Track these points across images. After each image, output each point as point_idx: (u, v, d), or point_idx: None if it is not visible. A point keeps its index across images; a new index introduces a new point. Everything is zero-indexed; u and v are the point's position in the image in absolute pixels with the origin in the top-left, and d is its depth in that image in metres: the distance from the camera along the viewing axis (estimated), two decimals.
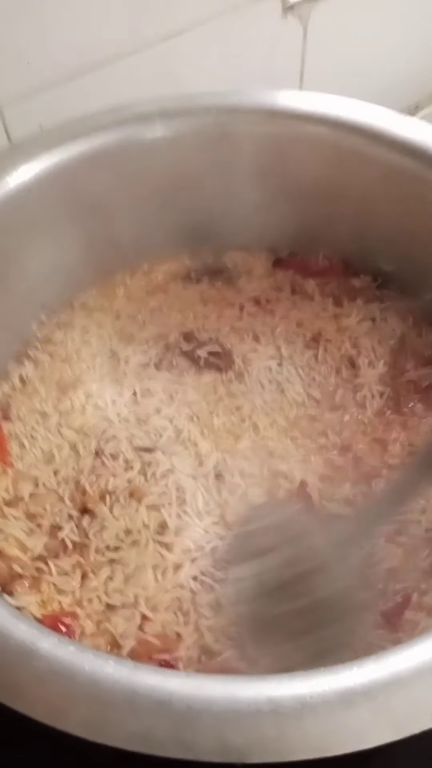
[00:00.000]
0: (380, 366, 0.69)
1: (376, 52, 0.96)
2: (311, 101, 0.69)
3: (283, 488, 0.61)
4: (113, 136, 0.66)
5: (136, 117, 0.66)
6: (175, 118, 0.68)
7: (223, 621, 0.54)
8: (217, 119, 0.68)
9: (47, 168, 0.63)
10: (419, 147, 0.65)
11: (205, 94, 0.69)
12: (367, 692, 0.35)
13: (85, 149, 0.65)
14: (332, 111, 0.67)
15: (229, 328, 0.72)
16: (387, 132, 0.66)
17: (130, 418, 0.65)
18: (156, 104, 0.67)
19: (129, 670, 0.37)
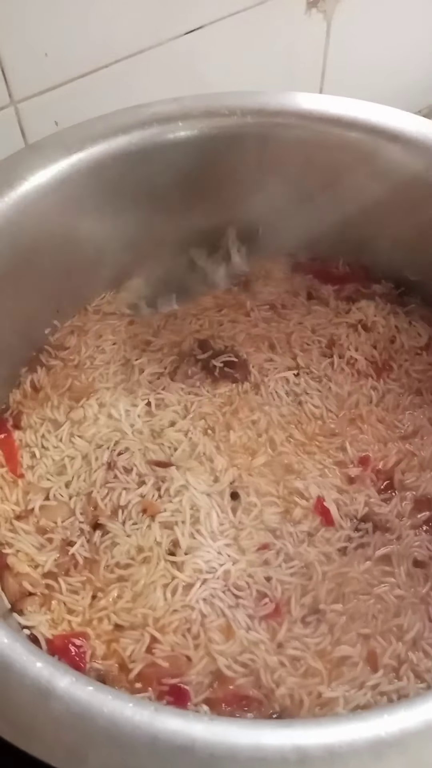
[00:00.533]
0: (401, 374, 0.68)
1: (400, 49, 0.94)
2: (341, 105, 0.67)
3: (300, 506, 0.59)
4: (133, 138, 0.64)
5: (157, 118, 0.64)
6: (198, 119, 0.65)
7: (235, 647, 0.52)
8: (241, 121, 0.66)
9: (65, 170, 0.61)
10: None
11: (228, 94, 0.67)
12: (399, 743, 0.34)
13: (105, 151, 0.63)
14: (362, 116, 0.65)
15: (244, 335, 0.71)
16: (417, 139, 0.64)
17: (144, 430, 0.63)
18: (178, 104, 0.65)
19: (150, 714, 0.35)
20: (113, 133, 0.64)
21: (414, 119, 0.65)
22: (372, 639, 0.53)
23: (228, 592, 0.55)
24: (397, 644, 0.52)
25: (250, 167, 0.68)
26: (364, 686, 0.51)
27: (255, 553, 0.57)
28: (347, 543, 0.57)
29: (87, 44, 0.68)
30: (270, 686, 0.51)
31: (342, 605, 0.54)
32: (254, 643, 0.53)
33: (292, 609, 0.54)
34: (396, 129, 0.64)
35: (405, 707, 0.35)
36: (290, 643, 0.53)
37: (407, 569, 0.56)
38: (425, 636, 0.53)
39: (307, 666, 0.52)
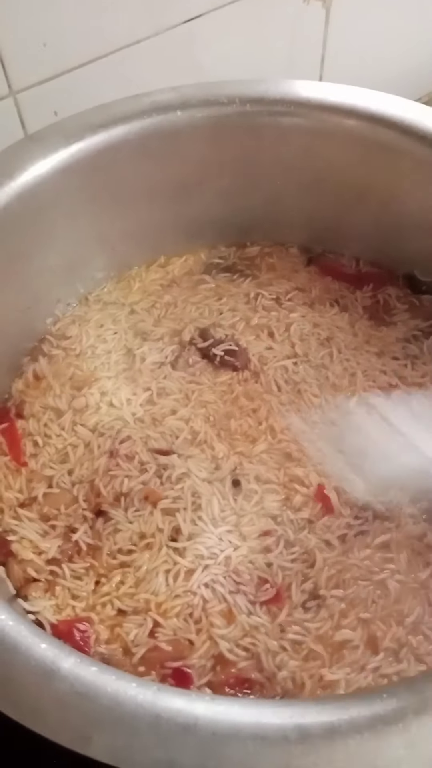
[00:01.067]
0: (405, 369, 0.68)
1: (398, 37, 0.94)
2: (339, 92, 0.67)
3: (300, 494, 0.60)
4: (132, 128, 0.64)
5: (156, 107, 0.64)
6: (197, 108, 0.65)
7: (237, 632, 0.53)
8: (240, 109, 0.66)
9: (65, 161, 0.61)
10: None
11: (227, 83, 0.67)
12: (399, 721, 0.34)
13: (105, 141, 0.63)
14: (361, 103, 0.65)
15: (244, 324, 0.71)
16: (416, 126, 0.64)
17: (145, 419, 0.64)
18: (177, 93, 0.65)
19: (153, 694, 0.36)
20: (113, 122, 0.64)
21: (412, 106, 0.65)
22: (372, 623, 0.53)
23: (229, 578, 0.55)
24: (398, 628, 0.53)
25: (250, 155, 0.69)
26: (365, 669, 0.51)
27: (256, 539, 0.57)
28: (347, 530, 0.58)
29: (85, 34, 0.68)
30: (272, 670, 0.51)
31: (342, 591, 0.55)
32: (255, 627, 0.53)
33: (293, 594, 0.55)
34: (395, 116, 0.64)
35: (404, 687, 0.36)
36: (291, 628, 0.53)
37: (407, 556, 0.57)
38: (425, 620, 0.54)
39: (308, 650, 0.52)
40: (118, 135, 0.64)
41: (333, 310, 0.72)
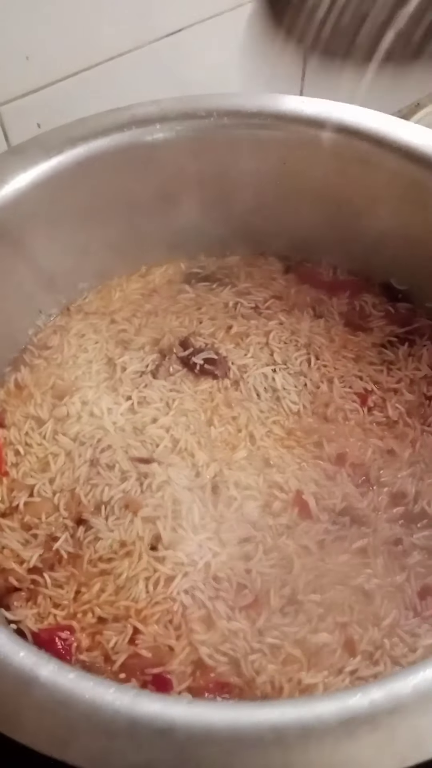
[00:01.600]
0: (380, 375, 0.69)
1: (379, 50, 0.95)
2: (314, 106, 0.68)
3: (279, 499, 0.61)
4: (112, 141, 0.65)
5: (135, 120, 0.65)
6: (176, 121, 0.66)
7: (216, 637, 0.54)
8: (218, 122, 0.67)
9: (45, 173, 0.62)
10: (423, 153, 0.64)
11: (206, 96, 0.68)
12: (372, 720, 0.35)
13: (84, 154, 0.64)
14: (336, 116, 0.67)
15: (223, 332, 0.72)
16: (390, 138, 0.66)
17: (126, 428, 0.64)
18: (156, 106, 0.66)
19: (130, 699, 0.36)
20: (92, 135, 0.65)
21: (386, 118, 0.67)
22: (349, 627, 0.54)
23: (208, 584, 0.56)
24: (374, 630, 0.54)
25: (228, 167, 0.70)
26: (342, 672, 0.52)
27: (235, 545, 0.58)
28: (325, 536, 0.59)
29: (69, 47, 0.69)
30: (251, 674, 0.52)
31: (320, 595, 0.56)
32: (234, 632, 0.54)
33: (271, 600, 0.55)
34: (369, 129, 0.66)
35: (377, 686, 0.36)
36: (269, 632, 0.54)
37: (384, 561, 0.57)
38: (401, 623, 0.54)
39: (286, 654, 0.53)
40: (98, 148, 0.64)
41: (310, 317, 0.73)
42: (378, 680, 0.37)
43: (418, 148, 0.64)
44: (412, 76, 1.02)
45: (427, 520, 0.60)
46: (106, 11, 0.68)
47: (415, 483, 0.62)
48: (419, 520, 0.60)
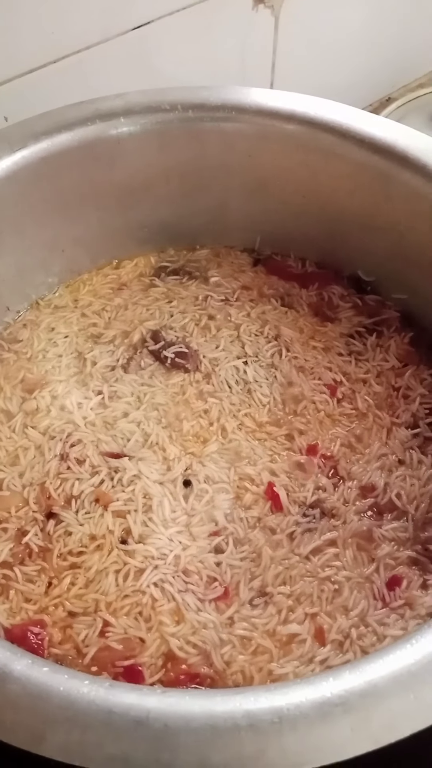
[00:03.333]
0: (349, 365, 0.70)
1: (349, 44, 0.96)
2: (279, 98, 0.68)
3: (251, 492, 0.61)
4: (76, 135, 0.64)
5: (99, 114, 0.65)
6: (140, 115, 0.66)
7: (186, 629, 0.54)
8: (183, 115, 0.67)
9: (9, 169, 0.62)
10: (386, 145, 0.65)
11: (172, 90, 0.68)
12: (344, 703, 0.36)
13: (48, 149, 0.63)
14: (300, 108, 0.67)
15: (194, 325, 0.72)
16: (354, 130, 0.66)
17: (96, 422, 0.64)
18: (121, 100, 0.66)
19: (105, 690, 0.36)
20: (56, 129, 0.64)
21: (350, 111, 0.68)
22: (319, 617, 0.55)
23: (178, 577, 0.56)
24: (343, 620, 0.54)
25: (195, 161, 0.70)
26: (312, 661, 0.53)
27: (206, 539, 0.58)
28: (295, 527, 0.59)
29: (37, 39, 0.68)
30: (221, 665, 0.52)
31: (289, 587, 0.56)
32: (204, 624, 0.54)
33: (241, 592, 0.56)
34: (333, 121, 0.66)
35: (349, 670, 0.37)
36: (239, 624, 0.54)
37: (353, 552, 0.58)
38: (370, 613, 0.55)
39: (256, 645, 0.53)
40: (62, 142, 0.64)
41: (279, 308, 0.74)
42: (349, 664, 0.38)
43: (381, 139, 0.65)
44: (383, 71, 1.03)
45: (396, 512, 0.61)
46: (74, 3, 0.68)
47: (384, 475, 0.62)
48: (388, 512, 0.61)
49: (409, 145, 0.64)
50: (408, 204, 0.66)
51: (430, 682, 0.37)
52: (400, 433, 0.65)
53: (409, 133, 0.66)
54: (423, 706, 0.36)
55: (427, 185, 0.63)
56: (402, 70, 1.09)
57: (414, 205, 0.65)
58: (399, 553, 0.58)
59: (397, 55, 1.06)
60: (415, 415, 0.66)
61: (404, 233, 0.67)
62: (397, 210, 0.67)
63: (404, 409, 0.67)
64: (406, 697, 0.36)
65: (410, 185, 0.64)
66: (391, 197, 0.66)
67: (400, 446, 0.64)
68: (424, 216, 0.65)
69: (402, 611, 0.55)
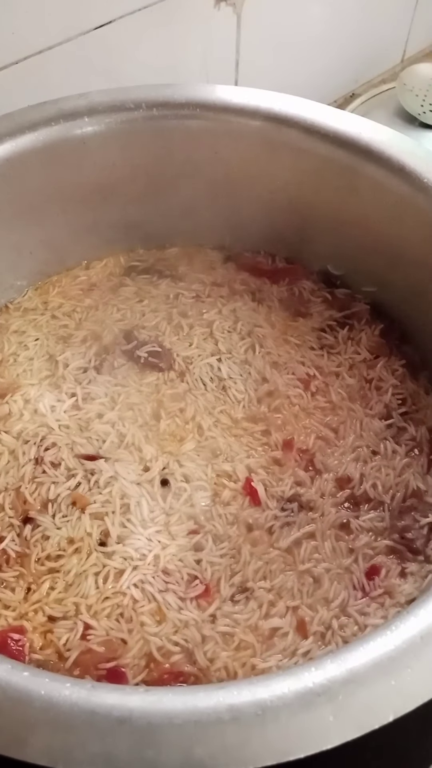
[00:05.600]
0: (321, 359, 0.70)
1: (312, 41, 0.97)
2: (243, 95, 0.68)
3: (228, 488, 0.61)
4: (40, 135, 0.64)
5: (63, 114, 0.64)
6: (104, 114, 0.66)
7: (168, 628, 0.54)
8: (147, 114, 0.67)
9: None
10: (350, 139, 0.66)
11: (134, 88, 0.68)
12: (327, 691, 0.36)
13: (12, 150, 0.63)
14: (265, 104, 0.67)
15: (166, 324, 0.72)
16: (319, 125, 0.67)
17: (71, 425, 0.64)
18: (84, 99, 0.66)
19: (87, 691, 0.36)
20: (19, 130, 0.64)
21: (314, 106, 0.68)
22: (300, 609, 0.55)
23: (158, 577, 0.56)
24: (324, 611, 0.55)
25: (161, 159, 0.70)
26: (296, 654, 0.53)
27: (185, 537, 0.58)
28: (274, 522, 0.59)
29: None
30: (205, 663, 0.52)
31: (269, 582, 0.56)
32: (185, 623, 0.54)
33: (222, 589, 0.56)
34: (297, 116, 0.67)
35: (330, 659, 0.37)
36: (221, 621, 0.54)
37: (331, 544, 0.58)
38: (351, 603, 0.55)
39: (239, 640, 0.53)
40: (25, 143, 0.64)
41: (250, 304, 0.74)
42: (330, 653, 0.38)
43: (345, 133, 0.66)
44: (346, 68, 1.04)
45: (373, 503, 0.61)
46: (33, 4, 0.67)
47: (359, 466, 0.63)
48: (365, 502, 0.61)
49: (372, 139, 0.65)
50: (373, 197, 0.66)
51: (409, 667, 0.37)
52: (374, 425, 0.65)
53: (372, 127, 0.66)
54: (403, 691, 0.36)
55: (391, 178, 0.64)
56: (365, 67, 1.10)
57: (379, 198, 0.66)
58: (377, 542, 0.59)
59: (360, 52, 1.07)
60: (388, 406, 0.67)
61: (370, 226, 0.68)
62: (363, 203, 0.67)
63: (377, 401, 0.67)
64: (387, 683, 0.36)
65: (375, 178, 0.65)
66: (357, 191, 0.67)
67: (375, 437, 0.65)
68: (389, 208, 0.65)
69: (382, 600, 0.55)
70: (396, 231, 0.66)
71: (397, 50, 1.15)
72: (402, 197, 0.63)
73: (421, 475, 0.63)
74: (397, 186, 0.64)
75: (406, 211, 0.64)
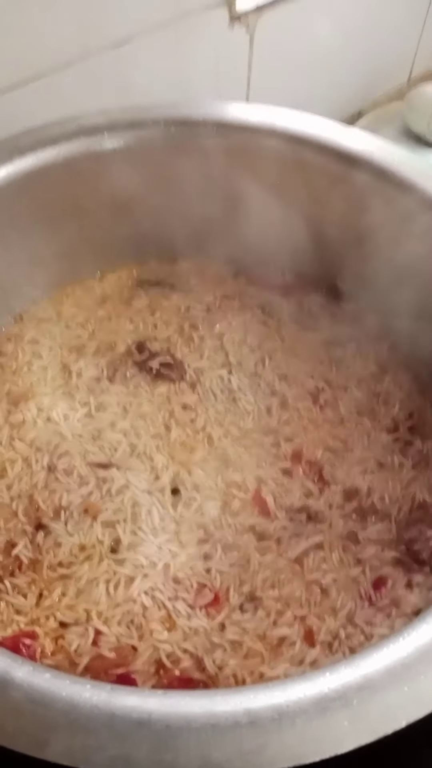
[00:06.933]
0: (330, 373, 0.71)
1: (321, 60, 0.99)
2: (260, 113, 0.70)
3: (238, 498, 0.62)
4: (61, 150, 0.65)
5: (84, 130, 0.66)
6: (124, 131, 0.67)
7: (177, 635, 0.54)
8: (166, 131, 0.68)
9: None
10: (362, 158, 0.67)
11: (154, 106, 0.69)
12: (342, 697, 0.37)
13: (33, 164, 0.64)
14: (280, 123, 0.69)
15: (177, 336, 0.73)
16: (332, 144, 0.68)
17: (83, 433, 0.65)
18: (104, 116, 0.67)
19: (107, 694, 0.37)
20: (41, 145, 0.65)
21: (327, 124, 0.70)
22: (308, 619, 0.56)
23: (168, 585, 0.57)
24: (332, 621, 0.56)
25: (176, 175, 0.71)
26: (303, 662, 0.54)
27: (195, 546, 0.59)
28: (282, 532, 0.60)
29: (15, 58, 0.68)
30: (214, 670, 0.53)
31: (278, 591, 0.57)
32: (195, 630, 0.55)
33: (231, 597, 0.56)
34: (311, 135, 0.68)
35: (345, 665, 0.38)
36: (230, 629, 0.55)
37: (339, 555, 0.59)
38: (357, 613, 0.56)
39: (247, 648, 0.54)
40: (47, 158, 0.65)
41: (260, 318, 0.75)
42: (345, 659, 0.39)
43: (358, 153, 0.67)
44: (354, 86, 1.06)
45: (380, 515, 0.62)
46: (49, 22, 0.69)
47: (367, 479, 0.64)
48: (372, 514, 0.62)
49: (384, 158, 0.66)
50: (383, 215, 0.67)
51: (422, 673, 0.38)
52: (382, 438, 0.67)
53: (384, 147, 0.68)
54: (416, 696, 0.37)
55: (402, 197, 0.65)
56: (372, 85, 1.12)
57: (389, 217, 0.67)
58: (383, 554, 0.60)
59: (368, 71, 1.09)
60: (395, 419, 0.68)
61: (380, 244, 0.69)
62: (374, 221, 0.69)
63: (385, 414, 0.68)
64: (400, 689, 0.37)
65: (386, 197, 0.66)
66: (368, 208, 0.68)
67: (382, 450, 0.66)
68: (398, 227, 0.67)
69: (388, 610, 0.56)
70: (405, 249, 0.67)
71: (404, 69, 1.17)
72: (412, 216, 0.65)
73: (428, 487, 0.64)
74: (407, 205, 0.65)
75: (415, 229, 0.65)
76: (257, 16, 0.85)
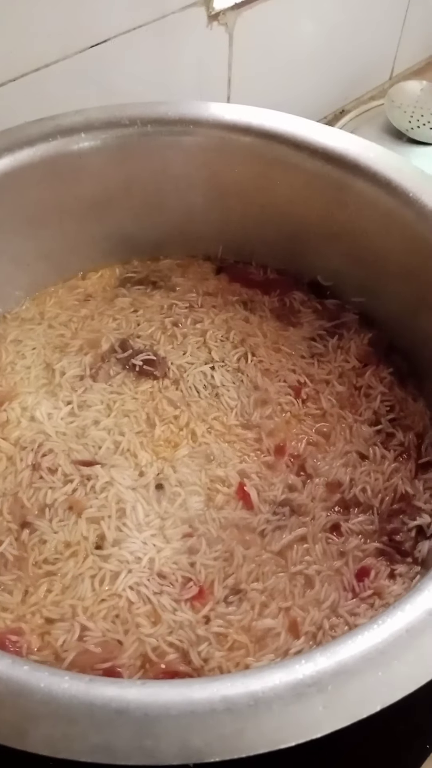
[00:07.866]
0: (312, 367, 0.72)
1: (302, 59, 1.00)
2: (235, 112, 0.71)
3: (222, 493, 0.63)
4: (38, 151, 0.65)
5: (60, 130, 0.66)
6: (101, 130, 0.68)
7: (163, 629, 0.55)
8: (142, 130, 0.69)
9: None
10: (338, 154, 0.68)
11: (130, 105, 0.70)
12: (317, 683, 0.37)
13: (11, 164, 0.64)
14: (256, 121, 0.70)
15: (160, 333, 0.73)
16: (308, 141, 0.69)
17: (67, 432, 0.65)
18: (81, 116, 0.67)
19: (85, 684, 0.37)
20: (18, 146, 0.65)
21: (303, 122, 0.70)
22: (292, 610, 0.56)
23: (153, 580, 0.57)
24: (316, 612, 0.56)
25: (155, 174, 0.72)
26: (288, 654, 0.54)
27: (179, 540, 0.59)
28: (266, 525, 0.61)
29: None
30: (199, 663, 0.53)
31: (262, 584, 0.57)
32: (180, 624, 0.55)
33: (215, 590, 0.57)
34: (287, 132, 0.69)
35: (320, 652, 0.39)
36: (215, 622, 0.55)
37: (322, 547, 0.60)
38: (341, 604, 0.57)
39: (232, 641, 0.54)
40: (24, 158, 0.65)
41: (243, 314, 0.76)
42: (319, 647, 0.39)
43: (333, 149, 0.68)
44: (336, 85, 1.07)
45: (362, 506, 0.63)
46: (29, 22, 0.69)
47: (349, 471, 0.64)
48: (354, 506, 0.63)
49: (360, 154, 0.67)
50: (361, 211, 0.68)
51: (396, 658, 0.39)
52: (363, 431, 0.67)
53: (360, 143, 0.68)
54: (391, 681, 0.38)
55: (378, 192, 0.66)
56: (354, 84, 1.13)
57: (367, 212, 0.68)
58: (366, 545, 0.60)
59: (350, 69, 1.09)
60: (377, 412, 0.69)
61: (359, 239, 0.70)
62: (352, 217, 0.69)
63: (366, 407, 0.69)
64: (375, 675, 0.38)
65: (363, 193, 0.67)
66: (346, 205, 0.69)
67: (364, 443, 0.66)
68: (376, 222, 0.67)
69: (371, 601, 0.57)
70: (383, 244, 0.68)
71: (386, 68, 1.18)
72: (389, 211, 0.66)
73: (409, 479, 0.64)
74: (384, 200, 0.66)
75: (393, 224, 0.66)
76: (236, 15, 0.86)
